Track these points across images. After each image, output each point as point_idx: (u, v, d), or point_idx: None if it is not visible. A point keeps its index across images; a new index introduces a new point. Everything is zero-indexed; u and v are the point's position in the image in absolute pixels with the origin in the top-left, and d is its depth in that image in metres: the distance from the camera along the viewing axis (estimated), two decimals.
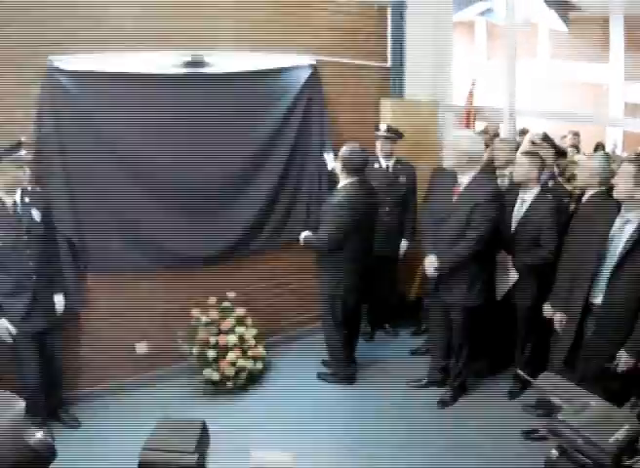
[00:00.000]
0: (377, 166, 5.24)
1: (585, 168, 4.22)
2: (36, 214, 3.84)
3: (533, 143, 5.26)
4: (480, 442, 4.03)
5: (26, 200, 3.81)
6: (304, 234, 4.60)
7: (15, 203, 3.76)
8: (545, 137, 5.11)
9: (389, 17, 5.74)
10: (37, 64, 3.98)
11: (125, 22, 4.23)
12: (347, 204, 4.38)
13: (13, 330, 3.76)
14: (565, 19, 10.65)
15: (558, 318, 3.96)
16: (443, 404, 4.54)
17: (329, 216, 4.42)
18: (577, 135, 8.32)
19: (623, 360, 3.38)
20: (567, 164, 5.22)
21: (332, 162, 4.92)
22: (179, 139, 4.46)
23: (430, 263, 4.27)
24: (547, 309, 4.14)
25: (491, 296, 4.43)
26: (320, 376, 4.92)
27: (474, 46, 12.39)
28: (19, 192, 3.78)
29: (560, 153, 5.17)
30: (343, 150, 4.48)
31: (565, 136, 8.22)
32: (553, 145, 5.03)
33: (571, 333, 3.70)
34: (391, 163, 5.31)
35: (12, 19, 3.88)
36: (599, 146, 8.14)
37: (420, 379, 4.80)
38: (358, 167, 4.46)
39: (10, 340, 3.78)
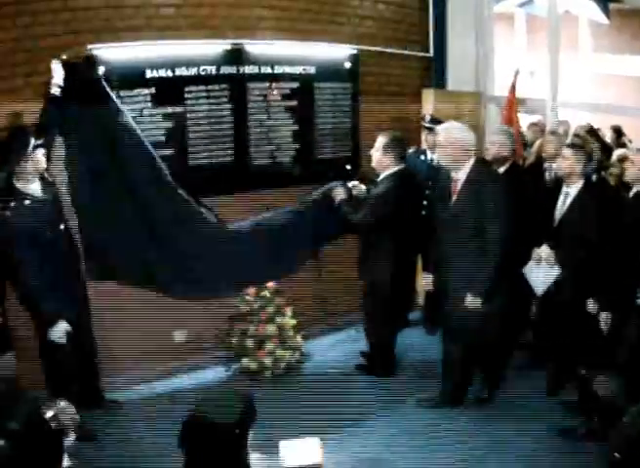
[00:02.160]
0: (422, 158, 5.16)
1: (635, 163, 4.12)
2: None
3: (577, 136, 5.17)
4: (517, 440, 3.90)
5: (45, 188, 3.72)
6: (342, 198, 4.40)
7: (43, 193, 3.68)
8: (591, 130, 5.02)
9: (431, 6, 5.70)
10: (76, 53, 3.94)
11: (164, 11, 4.26)
12: (389, 195, 4.34)
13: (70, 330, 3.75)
14: (606, 11, 10.48)
15: (604, 317, 3.87)
16: (479, 401, 4.45)
17: (370, 201, 4.38)
18: (616, 131, 8.03)
19: None
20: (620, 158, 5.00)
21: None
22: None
23: (426, 282, 4.28)
24: (591, 306, 4.04)
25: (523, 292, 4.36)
26: (358, 368, 4.88)
27: (514, 38, 12.22)
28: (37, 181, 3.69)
29: (606, 147, 5.06)
30: (385, 137, 4.41)
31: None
32: (598, 139, 4.92)
33: (616, 334, 3.63)
34: (436, 155, 5.17)
35: (51, 7, 3.92)
36: None
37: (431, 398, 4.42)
38: (399, 152, 4.41)
39: (64, 342, 3.73)
